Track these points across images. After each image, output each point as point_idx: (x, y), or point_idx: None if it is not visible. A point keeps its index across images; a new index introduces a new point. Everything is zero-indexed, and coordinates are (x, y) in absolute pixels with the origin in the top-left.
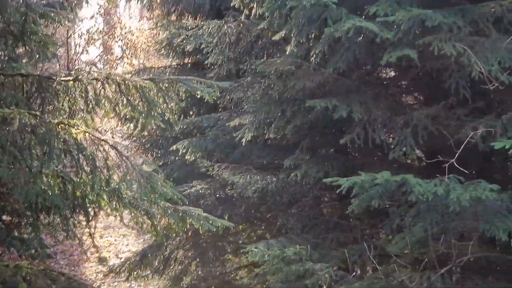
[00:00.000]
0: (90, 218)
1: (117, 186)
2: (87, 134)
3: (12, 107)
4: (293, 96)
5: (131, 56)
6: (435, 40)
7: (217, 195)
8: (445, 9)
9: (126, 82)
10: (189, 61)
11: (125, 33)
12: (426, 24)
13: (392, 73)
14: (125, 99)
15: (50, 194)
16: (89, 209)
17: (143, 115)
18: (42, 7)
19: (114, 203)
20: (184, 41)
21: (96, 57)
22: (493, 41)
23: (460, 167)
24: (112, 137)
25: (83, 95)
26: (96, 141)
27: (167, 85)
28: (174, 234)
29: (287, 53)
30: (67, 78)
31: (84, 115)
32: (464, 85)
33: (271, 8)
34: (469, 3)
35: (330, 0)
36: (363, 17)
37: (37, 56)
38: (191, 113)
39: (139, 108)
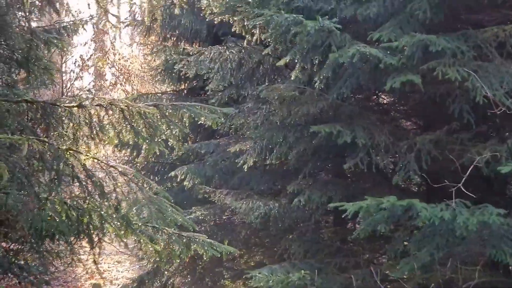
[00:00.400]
0: (94, 244)
1: (126, 213)
2: (95, 160)
3: (17, 133)
4: (296, 122)
5: (125, 82)
6: (439, 65)
7: (217, 221)
8: (448, 34)
9: (130, 108)
10: (185, 87)
11: (119, 59)
12: (430, 49)
13: (392, 99)
14: (129, 125)
15: (57, 220)
16: (93, 235)
17: (147, 141)
18: (45, 34)
19: (122, 229)
20: (185, 67)
21: (90, 83)
22: (496, 65)
23: (462, 191)
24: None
25: (87, 121)
26: (105, 167)
27: (171, 111)
28: (178, 260)
29: (292, 78)
30: (71, 104)
31: (88, 141)
32: (468, 109)
33: (275, 34)
34: (472, 28)
35: (334, 26)
36: (369, 43)
37: (37, 82)
38: (188, 139)
39: (143, 134)
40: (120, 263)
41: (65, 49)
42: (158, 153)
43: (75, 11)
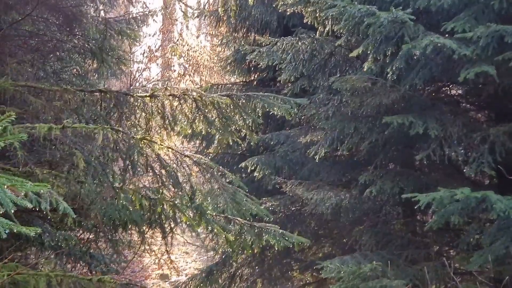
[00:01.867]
0: (166, 234)
1: (200, 203)
2: (170, 150)
3: (91, 122)
4: (367, 113)
5: (193, 73)
6: None
7: (286, 212)
8: None
9: (203, 98)
10: (255, 78)
11: (187, 50)
12: (506, 40)
13: (462, 90)
14: (202, 115)
15: (130, 209)
16: (166, 225)
17: (220, 131)
18: (118, 25)
19: (196, 219)
20: (257, 57)
21: (157, 74)
22: None
23: None
24: None
25: (160, 111)
26: (179, 157)
27: (244, 101)
28: (250, 251)
29: (364, 70)
30: (144, 94)
31: (160, 131)
32: None
33: (348, 25)
34: None
35: (407, 16)
36: (445, 34)
37: (107, 72)
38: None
39: (216, 124)
40: (187, 254)
41: (137, 39)
42: (231, 144)
43: (144, 2)
